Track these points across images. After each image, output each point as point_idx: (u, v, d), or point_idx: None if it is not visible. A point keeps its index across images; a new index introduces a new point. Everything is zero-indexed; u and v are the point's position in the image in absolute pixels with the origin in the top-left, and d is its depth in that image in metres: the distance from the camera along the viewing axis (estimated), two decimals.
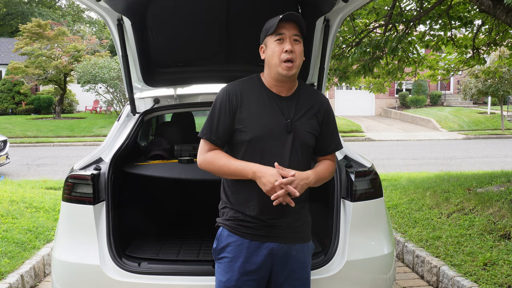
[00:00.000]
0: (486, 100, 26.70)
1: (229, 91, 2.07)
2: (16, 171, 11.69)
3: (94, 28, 46.37)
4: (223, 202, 2.16)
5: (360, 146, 17.14)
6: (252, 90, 2.09)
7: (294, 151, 2.03)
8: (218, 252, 2.12)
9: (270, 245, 2.06)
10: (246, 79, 2.14)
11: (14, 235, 4.45)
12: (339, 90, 31.02)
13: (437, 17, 6.62)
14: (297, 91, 2.13)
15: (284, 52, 1.99)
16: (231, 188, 2.11)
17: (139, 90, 3.56)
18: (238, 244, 2.06)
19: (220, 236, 2.12)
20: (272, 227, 2.06)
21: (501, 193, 5.21)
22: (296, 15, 2.00)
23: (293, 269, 2.11)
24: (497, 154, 14.33)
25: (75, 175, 2.70)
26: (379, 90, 9.51)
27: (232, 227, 2.08)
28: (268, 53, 2.04)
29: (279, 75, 2.03)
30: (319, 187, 2.73)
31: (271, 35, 2.02)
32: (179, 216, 3.90)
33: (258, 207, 2.04)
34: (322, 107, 2.16)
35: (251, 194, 2.04)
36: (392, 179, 8.19)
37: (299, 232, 2.12)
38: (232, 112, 2.04)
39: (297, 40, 2.02)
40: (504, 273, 3.55)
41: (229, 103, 2.04)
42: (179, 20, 2.97)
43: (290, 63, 2.00)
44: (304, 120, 2.08)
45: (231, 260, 2.07)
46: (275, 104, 2.06)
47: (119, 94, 24.22)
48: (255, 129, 2.02)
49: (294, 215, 2.09)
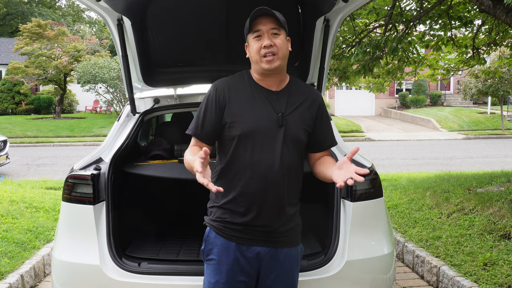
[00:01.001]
0: (486, 100, 26.70)
1: (217, 87, 2.06)
2: (16, 171, 11.69)
3: (94, 28, 46.36)
4: (211, 200, 2.12)
5: (360, 146, 17.03)
6: (241, 84, 2.07)
7: (285, 146, 1.99)
8: (206, 253, 2.09)
9: (257, 248, 2.03)
10: (236, 75, 2.12)
11: (14, 235, 4.45)
12: (339, 90, 31.02)
13: (437, 17, 6.62)
14: (288, 86, 2.09)
15: (262, 48, 1.97)
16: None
17: (139, 90, 3.56)
18: (225, 247, 2.03)
19: (207, 237, 2.09)
20: (259, 230, 2.01)
21: (501, 193, 5.21)
22: (268, 9, 1.98)
23: (281, 273, 2.07)
24: (497, 154, 14.32)
25: (75, 175, 2.70)
26: (379, 90, 9.51)
27: (219, 229, 2.05)
28: (250, 50, 2.04)
29: (263, 70, 2.01)
30: (319, 187, 2.72)
31: (250, 33, 2.02)
32: (179, 216, 3.89)
33: (245, 205, 1.99)
34: (315, 102, 2.12)
35: (238, 184, 2.00)
36: (392, 179, 8.19)
37: (286, 236, 2.08)
38: (219, 107, 2.01)
39: (276, 33, 1.99)
40: (504, 273, 3.55)
41: (217, 98, 2.02)
42: (179, 20, 2.97)
43: (271, 56, 1.97)
44: (297, 114, 2.04)
45: (218, 263, 2.04)
46: (265, 98, 2.03)
47: (119, 94, 24.22)
48: (245, 123, 1.98)
49: (281, 217, 2.04)
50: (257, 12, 1.97)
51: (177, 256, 2.97)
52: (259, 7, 1.98)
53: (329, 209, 2.75)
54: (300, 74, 3.24)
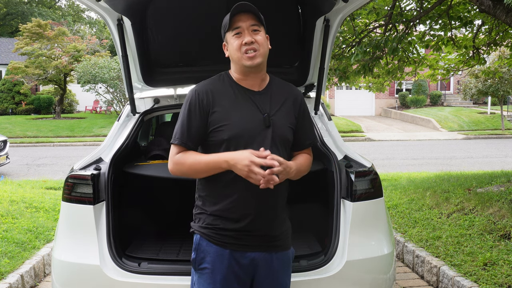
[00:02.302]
0: (486, 100, 26.70)
1: (198, 91, 1.98)
2: (16, 171, 11.69)
3: (94, 28, 46.37)
4: (198, 207, 2.04)
5: (360, 146, 17.14)
6: (223, 87, 2.00)
7: (274, 146, 1.94)
8: (198, 262, 2.00)
9: (251, 254, 1.98)
10: (215, 78, 2.05)
11: (14, 235, 4.45)
12: (339, 90, 31.02)
13: (437, 17, 6.62)
14: (269, 85, 2.05)
15: (243, 45, 1.92)
16: (206, 190, 2.00)
17: (139, 90, 3.56)
18: (218, 255, 1.96)
19: (198, 246, 2.00)
20: (252, 235, 1.97)
21: (501, 193, 5.21)
22: (248, 5, 1.92)
23: (276, 277, 2.04)
24: (497, 154, 14.33)
25: (75, 175, 2.70)
26: (379, 90, 9.52)
27: (211, 236, 1.97)
28: (230, 49, 1.98)
29: (244, 68, 1.95)
30: (319, 187, 2.73)
31: (229, 31, 1.97)
32: (179, 216, 3.89)
33: (236, 205, 1.94)
34: (297, 100, 2.08)
35: (227, 191, 1.94)
36: (392, 179, 8.19)
37: (279, 240, 2.05)
38: (204, 113, 1.94)
39: (256, 30, 1.94)
40: (504, 273, 3.55)
41: (200, 103, 1.95)
42: (179, 20, 2.97)
43: (253, 52, 1.92)
44: (281, 114, 2.00)
45: (212, 272, 1.97)
46: (248, 99, 1.98)
47: (119, 94, 24.22)
48: (232, 126, 1.92)
49: (274, 221, 2.01)
50: (237, 8, 1.92)
51: (177, 256, 2.97)
52: (238, 3, 1.92)
53: (329, 209, 2.75)
54: (300, 74, 3.24)
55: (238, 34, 1.94)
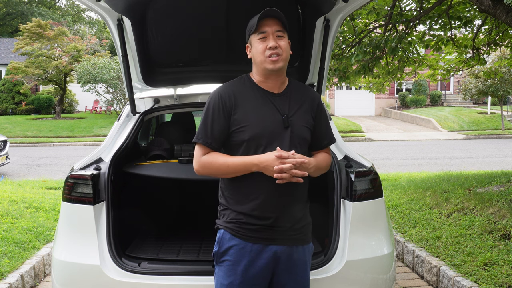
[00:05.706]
0: (486, 100, 26.70)
1: (221, 93, 2.07)
2: (16, 171, 11.69)
3: (94, 28, 46.36)
4: (222, 205, 2.13)
5: (360, 146, 17.14)
6: (244, 90, 2.09)
7: (293, 146, 2.02)
8: (220, 255, 2.08)
9: (273, 248, 2.04)
10: (236, 80, 2.15)
11: (14, 235, 4.46)
12: (339, 90, 31.02)
13: (437, 17, 6.62)
14: (289, 88, 2.14)
15: (268, 49, 2.01)
16: (230, 190, 2.09)
17: (139, 90, 3.56)
18: (240, 248, 2.04)
19: (221, 239, 2.08)
20: (275, 229, 2.03)
21: (501, 193, 5.21)
22: (276, 11, 2.01)
23: (295, 271, 2.10)
24: (497, 154, 14.33)
25: (75, 175, 2.70)
26: (379, 90, 9.51)
27: (234, 230, 2.05)
28: (253, 51, 2.06)
29: (266, 71, 2.04)
30: (319, 187, 2.72)
31: (254, 34, 2.04)
32: (179, 216, 3.90)
33: (261, 206, 2.02)
34: (315, 102, 2.18)
35: (252, 194, 2.03)
36: (392, 179, 8.19)
37: (301, 233, 2.11)
38: (227, 114, 2.04)
39: (280, 36, 2.04)
40: (504, 273, 3.55)
41: (223, 104, 2.04)
42: (179, 20, 2.97)
43: (276, 56, 2.01)
44: (299, 115, 2.09)
45: (233, 264, 2.04)
46: (269, 101, 2.07)
47: (119, 94, 24.22)
48: (253, 127, 2.01)
49: (296, 216, 2.08)
50: (266, 13, 2.00)
51: (177, 256, 2.97)
52: (268, 8, 2.01)
53: (329, 209, 2.75)
54: (300, 74, 3.24)
55: (263, 39, 2.03)
